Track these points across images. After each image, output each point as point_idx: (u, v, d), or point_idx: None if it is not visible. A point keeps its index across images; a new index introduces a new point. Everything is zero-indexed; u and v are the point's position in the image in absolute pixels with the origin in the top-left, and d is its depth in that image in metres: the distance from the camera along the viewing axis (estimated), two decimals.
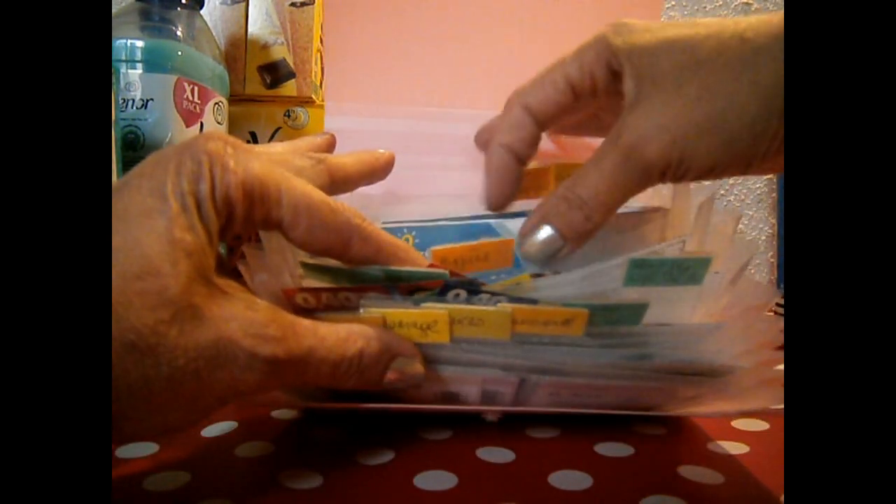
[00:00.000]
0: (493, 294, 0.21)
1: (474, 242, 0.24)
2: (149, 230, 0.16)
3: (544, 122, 0.26)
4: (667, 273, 0.22)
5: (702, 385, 0.24)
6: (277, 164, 0.21)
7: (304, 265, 0.23)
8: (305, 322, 0.19)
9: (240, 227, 0.19)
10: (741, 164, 0.22)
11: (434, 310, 0.22)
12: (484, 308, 0.21)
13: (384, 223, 0.29)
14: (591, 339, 0.22)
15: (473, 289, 0.21)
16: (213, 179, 0.18)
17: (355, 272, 0.22)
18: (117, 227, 0.16)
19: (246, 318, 0.17)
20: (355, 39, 0.34)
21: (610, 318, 0.22)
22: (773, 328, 0.24)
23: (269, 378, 0.18)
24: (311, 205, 0.20)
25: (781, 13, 0.22)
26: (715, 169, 0.22)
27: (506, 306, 0.21)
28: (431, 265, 0.23)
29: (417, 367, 0.22)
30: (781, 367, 0.23)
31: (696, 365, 0.23)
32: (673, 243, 0.26)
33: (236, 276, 0.23)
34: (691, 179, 0.23)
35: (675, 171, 0.22)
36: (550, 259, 0.24)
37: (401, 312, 0.22)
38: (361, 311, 0.22)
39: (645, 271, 0.22)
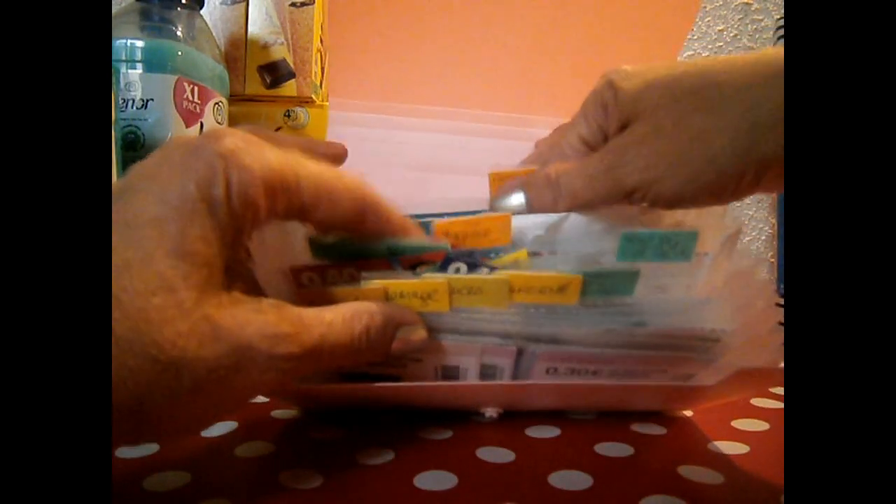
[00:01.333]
0: (493, 268, 0.23)
1: (475, 217, 0.26)
2: (159, 243, 0.16)
3: None
4: (657, 247, 0.23)
5: (696, 357, 0.24)
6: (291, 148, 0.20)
7: (311, 241, 0.23)
8: (310, 312, 0.19)
9: (264, 221, 0.19)
10: (708, 197, 0.24)
11: (434, 280, 0.22)
12: (482, 276, 0.22)
13: (418, 215, 0.30)
14: (586, 309, 0.23)
15: (473, 262, 0.23)
16: (228, 183, 0.17)
17: (360, 246, 0.22)
18: (129, 237, 0.16)
19: (258, 321, 0.17)
20: (358, 36, 0.34)
21: (603, 287, 0.23)
22: (765, 291, 0.24)
23: (289, 374, 0.18)
24: (328, 184, 0.20)
25: (757, 54, 0.23)
26: (682, 201, 0.24)
27: (503, 273, 0.22)
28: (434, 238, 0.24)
29: (421, 333, 0.23)
30: (770, 324, 0.23)
31: (688, 331, 0.24)
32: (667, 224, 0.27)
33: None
34: (662, 207, 0.25)
35: (645, 195, 0.24)
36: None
37: (402, 283, 0.22)
38: (363, 283, 0.22)
39: (636, 245, 0.23)
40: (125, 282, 0.15)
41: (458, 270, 0.23)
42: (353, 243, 0.23)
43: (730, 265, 0.25)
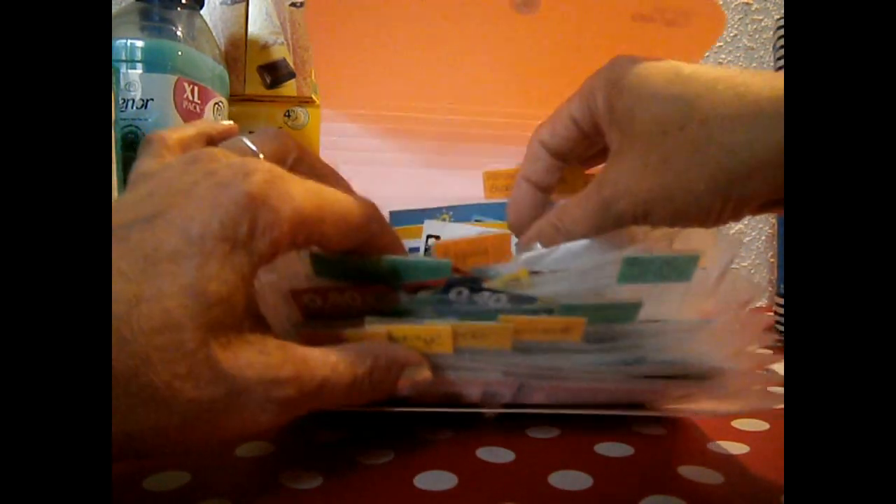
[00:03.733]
0: (494, 292, 0.22)
1: (475, 236, 0.26)
2: (172, 280, 0.16)
3: (558, 154, 0.29)
4: (657, 270, 0.24)
5: (693, 385, 0.24)
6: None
7: (313, 257, 0.23)
8: (315, 353, 0.19)
9: (284, 252, 0.19)
10: (692, 225, 0.25)
11: (437, 326, 0.22)
12: (487, 325, 0.22)
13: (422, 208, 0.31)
14: (588, 345, 0.23)
15: (475, 287, 0.22)
16: (254, 224, 0.17)
17: (361, 265, 0.22)
18: (146, 270, 0.16)
19: (260, 363, 0.17)
20: (345, 40, 0.33)
21: (606, 317, 0.23)
22: (761, 326, 0.25)
23: (282, 416, 0.18)
24: (348, 215, 0.20)
25: (747, 86, 0.23)
26: (674, 226, 0.25)
27: (508, 322, 0.22)
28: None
29: (426, 374, 0.22)
30: (770, 369, 0.24)
31: (687, 366, 0.24)
32: (660, 240, 0.27)
33: None
34: (652, 226, 0.26)
35: (644, 222, 0.25)
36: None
37: (405, 328, 0.22)
38: (367, 326, 0.22)
39: (637, 269, 0.23)
40: (133, 319, 0.15)
41: (459, 294, 0.22)
42: (355, 261, 0.22)
43: (727, 291, 0.26)
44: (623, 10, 0.29)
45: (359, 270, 0.23)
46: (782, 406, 0.23)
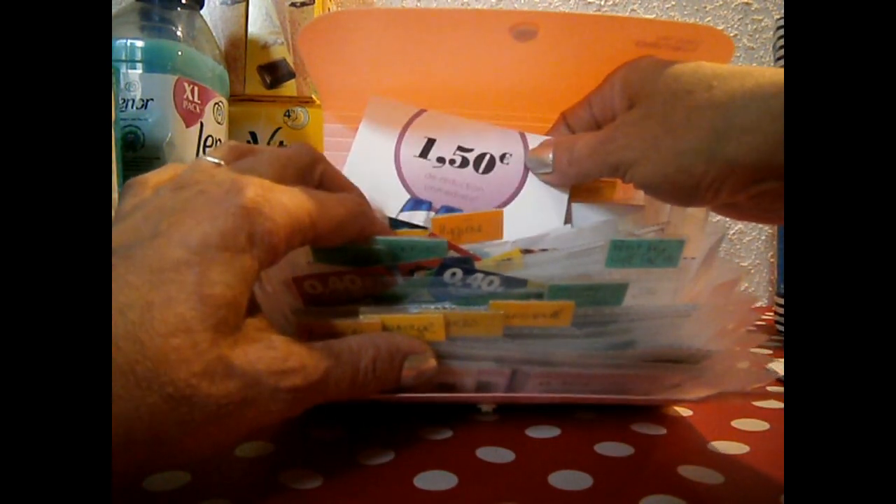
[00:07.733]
0: (487, 274, 0.23)
1: (468, 213, 0.27)
2: (180, 287, 0.17)
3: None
4: (644, 255, 0.24)
5: (682, 372, 0.25)
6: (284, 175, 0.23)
7: (313, 247, 0.23)
8: (319, 345, 0.20)
9: (282, 257, 0.20)
10: (672, 190, 0.26)
11: (430, 314, 0.23)
12: (478, 312, 0.23)
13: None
14: (578, 329, 0.24)
15: (469, 268, 0.23)
16: (251, 234, 0.18)
17: (360, 249, 0.23)
18: (153, 280, 0.17)
19: (267, 357, 0.18)
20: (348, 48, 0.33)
21: (594, 299, 0.23)
22: (745, 307, 0.25)
23: (293, 405, 0.19)
24: (337, 216, 0.21)
25: (758, 69, 0.25)
26: (650, 187, 0.27)
27: (498, 308, 0.23)
28: (431, 234, 0.25)
29: (431, 362, 0.23)
30: (755, 349, 0.24)
31: (675, 350, 0.24)
32: (651, 229, 0.28)
33: None
34: (638, 188, 0.28)
35: (623, 173, 0.27)
36: (538, 171, 0.32)
37: (398, 318, 0.23)
38: (361, 317, 0.23)
39: (624, 253, 0.24)
40: (147, 323, 0.16)
41: (454, 275, 0.23)
42: (354, 247, 0.23)
43: (713, 274, 0.26)
44: (627, 38, 0.30)
45: (357, 254, 0.23)
46: (770, 384, 0.23)
